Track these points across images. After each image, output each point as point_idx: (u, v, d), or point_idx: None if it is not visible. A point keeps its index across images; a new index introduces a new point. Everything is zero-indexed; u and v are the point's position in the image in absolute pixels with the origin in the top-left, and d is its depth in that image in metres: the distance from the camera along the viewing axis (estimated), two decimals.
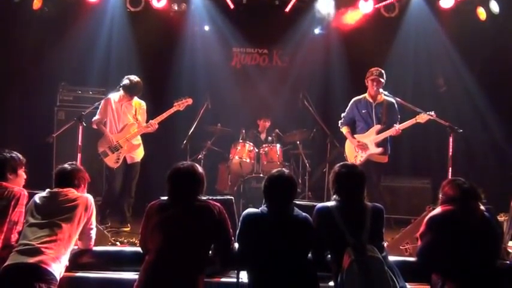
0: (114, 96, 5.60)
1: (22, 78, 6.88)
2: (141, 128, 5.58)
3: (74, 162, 3.64)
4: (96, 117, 5.55)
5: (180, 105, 5.67)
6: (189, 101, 5.75)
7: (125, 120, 5.59)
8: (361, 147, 5.42)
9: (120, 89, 5.49)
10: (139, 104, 5.68)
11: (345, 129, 5.63)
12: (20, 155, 3.53)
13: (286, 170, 3.20)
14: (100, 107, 5.57)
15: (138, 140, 5.66)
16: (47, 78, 6.75)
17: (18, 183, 3.47)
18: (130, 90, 5.53)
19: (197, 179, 3.07)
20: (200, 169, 3.14)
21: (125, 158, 5.58)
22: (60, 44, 6.70)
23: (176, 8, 7.16)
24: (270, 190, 3.05)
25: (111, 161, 5.51)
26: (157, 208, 3.01)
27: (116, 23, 7.11)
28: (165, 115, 5.61)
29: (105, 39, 7.08)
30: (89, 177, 3.57)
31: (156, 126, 5.57)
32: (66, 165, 3.46)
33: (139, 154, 5.71)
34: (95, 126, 5.55)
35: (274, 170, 3.16)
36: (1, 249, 3.14)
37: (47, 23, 6.83)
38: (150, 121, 5.59)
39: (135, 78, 5.54)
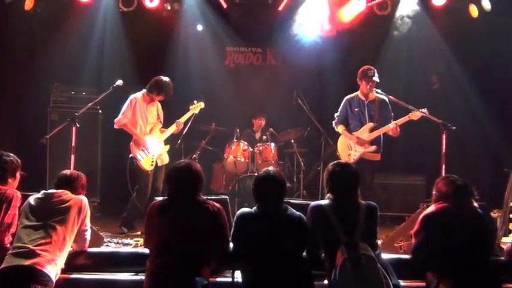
0: (138, 97, 5.42)
1: (15, 79, 6.85)
2: (171, 128, 5.54)
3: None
4: (120, 117, 5.31)
5: (195, 108, 5.75)
6: (201, 104, 5.80)
7: (151, 122, 5.48)
8: (360, 143, 5.43)
9: (152, 89, 5.38)
10: (158, 105, 5.62)
11: (340, 128, 5.62)
12: (16, 157, 3.53)
13: (272, 169, 3.20)
14: (125, 107, 5.34)
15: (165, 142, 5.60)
16: (39, 79, 6.71)
17: (14, 185, 3.48)
18: (160, 91, 5.41)
19: (195, 176, 3.09)
20: (198, 166, 3.16)
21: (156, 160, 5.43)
22: (53, 45, 6.67)
23: (169, 7, 7.12)
24: (258, 191, 3.06)
25: (147, 163, 5.30)
26: (158, 208, 3.03)
27: (109, 23, 7.08)
28: (185, 117, 5.66)
29: (97, 39, 7.06)
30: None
31: (182, 126, 5.61)
32: (69, 171, 3.53)
33: (167, 156, 5.57)
34: (117, 127, 5.32)
35: (261, 171, 3.16)
36: None
37: (40, 23, 6.79)
38: (177, 120, 5.56)
39: (167, 79, 5.46)
